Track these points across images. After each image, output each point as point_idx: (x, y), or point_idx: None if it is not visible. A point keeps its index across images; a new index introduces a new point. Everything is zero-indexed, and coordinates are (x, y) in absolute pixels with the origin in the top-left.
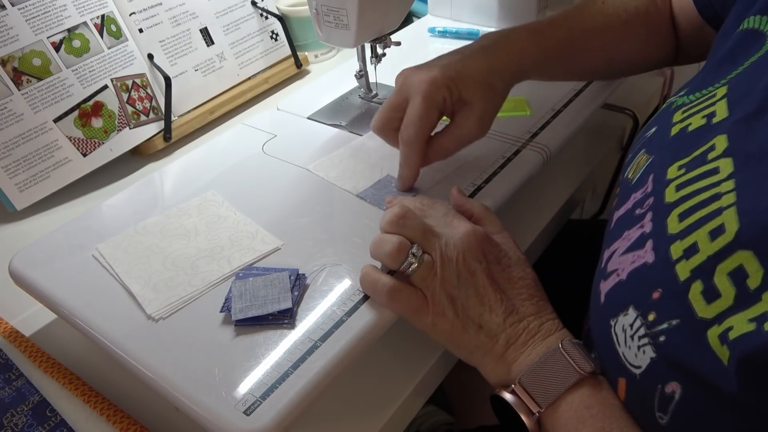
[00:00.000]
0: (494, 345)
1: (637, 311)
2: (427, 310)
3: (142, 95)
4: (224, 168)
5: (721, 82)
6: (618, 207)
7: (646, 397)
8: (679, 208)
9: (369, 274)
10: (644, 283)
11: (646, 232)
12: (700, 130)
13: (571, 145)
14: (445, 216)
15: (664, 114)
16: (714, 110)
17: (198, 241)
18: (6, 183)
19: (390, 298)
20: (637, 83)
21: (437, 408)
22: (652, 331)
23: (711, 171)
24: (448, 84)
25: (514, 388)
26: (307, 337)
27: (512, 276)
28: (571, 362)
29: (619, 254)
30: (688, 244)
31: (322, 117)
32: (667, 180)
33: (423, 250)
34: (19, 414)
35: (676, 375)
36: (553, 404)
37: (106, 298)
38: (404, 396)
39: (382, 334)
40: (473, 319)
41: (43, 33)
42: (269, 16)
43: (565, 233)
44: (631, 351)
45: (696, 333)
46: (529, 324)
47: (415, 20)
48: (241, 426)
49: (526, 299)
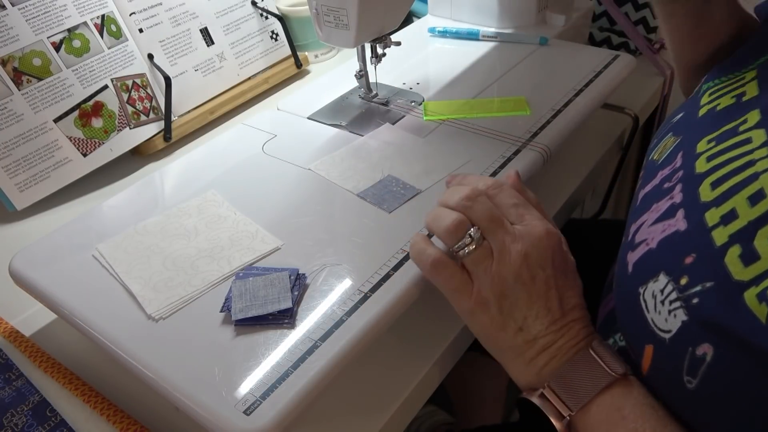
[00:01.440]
0: (529, 349)
1: (668, 277)
2: (469, 295)
3: (142, 95)
4: (224, 168)
5: (749, 68)
6: (643, 185)
7: (676, 362)
8: (710, 177)
9: (418, 243)
10: (676, 250)
11: (677, 203)
12: (729, 108)
13: (571, 145)
14: (515, 207)
15: (691, 99)
16: (744, 90)
17: (198, 241)
18: (6, 183)
19: (433, 268)
20: (637, 83)
21: (437, 408)
22: (685, 295)
23: (743, 141)
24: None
25: (543, 391)
26: (307, 337)
27: (567, 284)
28: (602, 364)
29: (648, 225)
30: (725, 211)
31: (322, 117)
32: (696, 153)
33: (483, 236)
34: (19, 414)
35: (708, 336)
36: (584, 407)
37: (106, 298)
38: (404, 396)
39: (382, 334)
40: (516, 320)
41: (44, 33)
42: (269, 16)
43: (566, 233)
44: (661, 316)
45: (732, 294)
46: (567, 332)
47: (415, 20)
48: (241, 426)
49: (570, 309)
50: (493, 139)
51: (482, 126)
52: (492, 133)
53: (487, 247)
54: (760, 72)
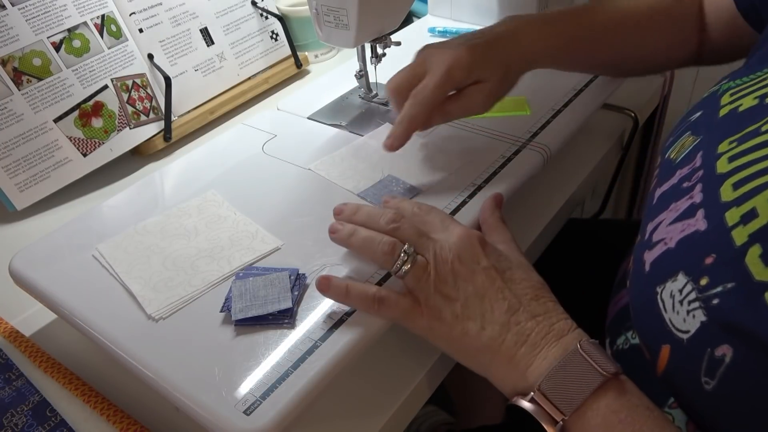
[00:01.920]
0: (500, 345)
1: (687, 277)
2: (420, 312)
3: (142, 95)
4: (224, 168)
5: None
6: (660, 184)
7: (693, 363)
8: (732, 178)
9: (354, 287)
10: (696, 249)
11: (696, 202)
12: (752, 109)
13: (571, 145)
14: (441, 222)
15: (710, 99)
16: (767, 92)
17: (198, 241)
18: (6, 183)
19: (380, 304)
20: (637, 83)
21: (437, 408)
22: (705, 295)
23: (766, 143)
24: (471, 66)
25: (533, 395)
26: (307, 337)
27: (514, 276)
28: (593, 364)
29: (666, 225)
30: (745, 210)
31: (322, 117)
32: (717, 154)
33: (417, 252)
34: (19, 414)
35: (728, 337)
36: (578, 410)
37: (106, 298)
38: (404, 396)
39: (382, 333)
40: (474, 319)
41: (44, 33)
42: (269, 16)
43: (566, 233)
44: (679, 316)
45: (753, 295)
46: (537, 324)
47: (415, 20)
48: (241, 426)
49: (531, 299)
50: (493, 139)
51: (482, 126)
52: (492, 133)
53: (422, 261)
54: None
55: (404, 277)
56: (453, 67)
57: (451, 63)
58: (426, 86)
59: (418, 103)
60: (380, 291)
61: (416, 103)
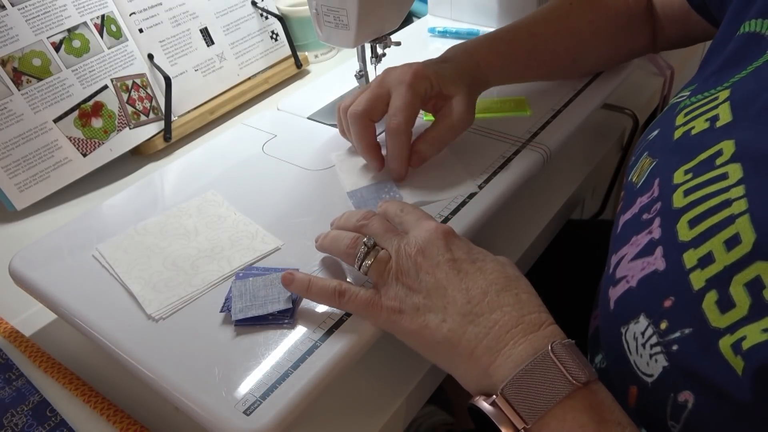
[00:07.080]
0: (460, 338)
1: (648, 319)
2: (379, 304)
3: (142, 95)
4: (224, 168)
5: (723, 85)
6: (624, 211)
7: (659, 406)
8: (688, 215)
9: (316, 281)
10: (655, 291)
11: (655, 239)
12: (703, 134)
13: (571, 145)
14: (417, 219)
15: (666, 116)
16: (717, 113)
17: (198, 241)
18: (6, 183)
19: (341, 297)
20: (637, 83)
21: (437, 408)
22: (665, 340)
23: (719, 176)
24: (430, 76)
25: (495, 399)
26: (307, 337)
27: (485, 267)
28: (563, 370)
29: (627, 260)
30: (702, 254)
31: (322, 117)
32: (674, 185)
33: (381, 247)
34: (19, 414)
35: (689, 384)
36: (542, 420)
37: (106, 298)
38: (404, 396)
39: (382, 333)
40: (435, 312)
41: (43, 33)
42: (269, 16)
43: (566, 233)
44: (643, 359)
45: (708, 342)
46: (504, 315)
47: (415, 20)
48: (241, 426)
49: (501, 289)
50: (493, 139)
51: (482, 126)
52: (492, 133)
53: (384, 254)
54: (733, 92)
55: (367, 272)
56: (414, 80)
57: (411, 77)
58: (396, 111)
59: (396, 133)
60: (341, 284)
61: (395, 134)
